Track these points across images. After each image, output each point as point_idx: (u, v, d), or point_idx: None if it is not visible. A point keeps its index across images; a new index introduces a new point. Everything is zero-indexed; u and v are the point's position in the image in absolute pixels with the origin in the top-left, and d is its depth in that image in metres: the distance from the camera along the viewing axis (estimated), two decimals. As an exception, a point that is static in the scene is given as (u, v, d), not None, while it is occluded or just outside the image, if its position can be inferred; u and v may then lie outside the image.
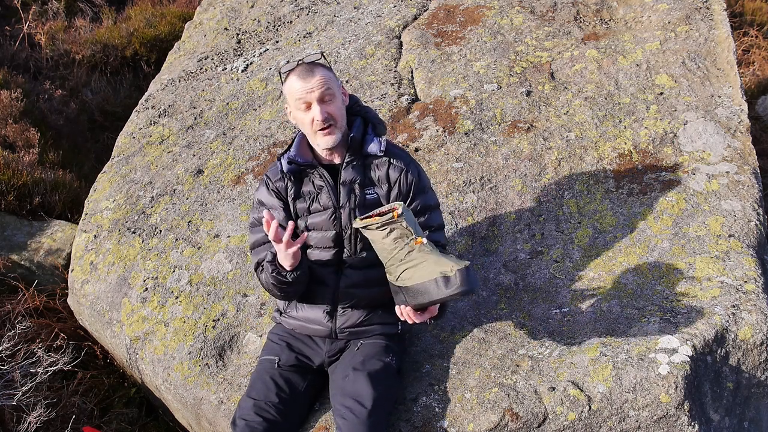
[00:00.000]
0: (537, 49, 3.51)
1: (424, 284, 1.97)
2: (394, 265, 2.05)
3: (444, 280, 1.95)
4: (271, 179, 2.27)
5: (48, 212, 4.02)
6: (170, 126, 3.68)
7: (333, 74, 2.18)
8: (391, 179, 2.22)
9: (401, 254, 2.03)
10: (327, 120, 2.12)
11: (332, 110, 2.13)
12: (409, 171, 2.22)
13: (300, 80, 2.12)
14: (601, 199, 2.81)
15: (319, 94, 2.10)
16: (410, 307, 2.05)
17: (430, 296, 1.97)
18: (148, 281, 2.88)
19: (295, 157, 2.22)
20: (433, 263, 1.99)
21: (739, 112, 2.96)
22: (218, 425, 2.47)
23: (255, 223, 2.28)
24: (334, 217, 2.20)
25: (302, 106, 2.13)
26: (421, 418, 2.13)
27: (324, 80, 2.11)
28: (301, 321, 2.28)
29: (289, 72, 2.16)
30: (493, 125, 3.14)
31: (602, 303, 2.41)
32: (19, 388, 2.69)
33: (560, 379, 2.11)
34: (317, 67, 2.14)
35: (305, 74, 2.12)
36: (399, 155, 2.25)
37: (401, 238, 2.03)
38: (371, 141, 2.22)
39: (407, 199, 2.22)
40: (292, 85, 2.14)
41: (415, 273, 2.00)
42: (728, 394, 2.20)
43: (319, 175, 2.22)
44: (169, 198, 3.21)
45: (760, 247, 2.54)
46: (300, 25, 4.23)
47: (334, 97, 2.14)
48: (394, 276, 2.06)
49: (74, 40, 5.86)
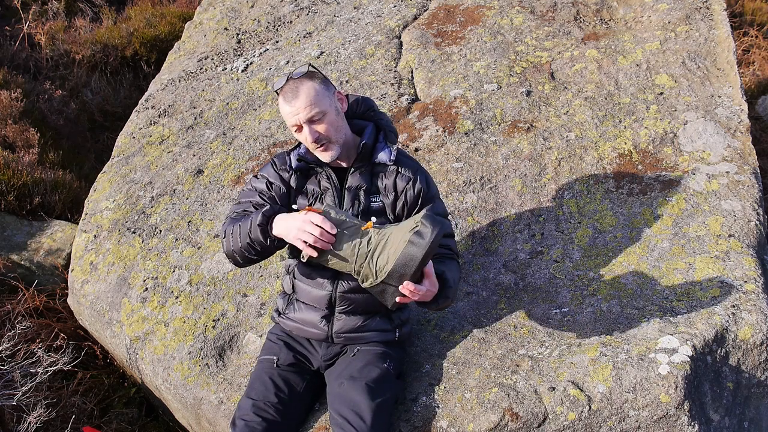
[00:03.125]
0: (537, 49, 3.51)
1: (404, 252, 1.89)
2: (366, 264, 1.97)
3: (417, 235, 1.88)
4: (277, 165, 2.25)
5: (48, 212, 4.02)
6: (170, 126, 3.68)
7: (323, 85, 2.10)
8: (398, 189, 2.20)
9: (363, 247, 1.95)
10: (319, 140, 2.09)
11: (323, 129, 2.08)
12: (417, 181, 2.20)
13: (286, 104, 2.07)
14: (601, 199, 2.81)
15: (305, 116, 2.05)
16: (410, 286, 1.93)
17: (415, 257, 1.89)
18: (148, 281, 2.88)
19: (305, 155, 2.20)
20: (397, 231, 1.93)
21: (739, 112, 2.96)
22: (218, 425, 2.47)
23: (250, 190, 2.25)
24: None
25: (294, 128, 2.11)
26: (421, 418, 2.13)
27: (309, 102, 2.04)
28: (298, 323, 2.27)
29: (279, 90, 2.11)
30: (493, 125, 3.14)
31: (602, 303, 2.41)
32: (19, 388, 2.69)
33: (560, 379, 2.11)
34: (303, 84, 2.06)
35: (290, 96, 2.06)
36: (408, 164, 2.23)
37: (354, 234, 1.96)
38: (382, 149, 2.20)
39: (414, 208, 2.21)
40: (282, 108, 2.10)
41: (389, 250, 1.93)
42: (728, 394, 2.20)
43: (326, 176, 2.21)
44: (169, 198, 3.21)
45: (760, 247, 2.54)
46: (300, 25, 4.23)
47: (325, 113, 2.07)
48: (372, 273, 1.96)
49: (74, 40, 5.86)
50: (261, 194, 2.22)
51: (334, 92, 2.14)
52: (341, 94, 2.18)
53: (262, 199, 2.21)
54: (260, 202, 2.21)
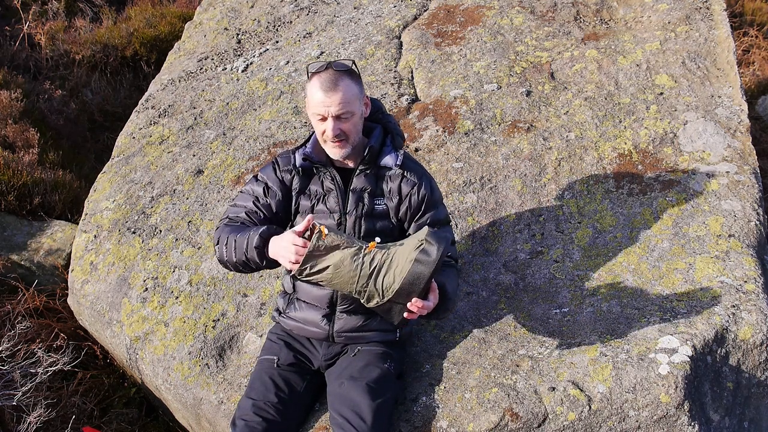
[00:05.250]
0: (537, 49, 3.51)
1: (412, 271, 1.90)
2: (369, 284, 1.95)
3: (424, 253, 1.90)
4: (279, 165, 2.25)
5: (48, 212, 4.02)
6: (170, 126, 3.68)
7: (359, 86, 2.10)
8: (402, 193, 2.20)
9: (366, 269, 1.94)
10: (339, 136, 2.09)
11: (347, 127, 2.08)
12: (422, 186, 2.20)
13: (321, 92, 2.04)
14: (601, 199, 2.81)
15: (336, 110, 2.04)
16: (418, 303, 1.94)
17: (423, 275, 1.90)
18: (148, 281, 2.88)
19: (310, 154, 2.20)
20: (402, 250, 1.93)
21: (739, 112, 2.96)
22: (218, 425, 2.47)
23: (247, 192, 2.25)
24: (339, 222, 2.19)
25: (318, 116, 2.08)
26: (421, 418, 2.13)
27: (345, 99, 2.04)
28: (299, 322, 2.28)
29: (315, 74, 2.08)
30: (493, 125, 3.14)
31: (602, 303, 2.41)
32: (19, 388, 2.69)
33: (560, 379, 2.11)
34: (343, 79, 2.05)
35: (328, 87, 2.04)
36: (413, 169, 2.23)
37: (356, 255, 1.94)
38: (388, 153, 2.20)
39: (417, 213, 2.21)
40: (313, 93, 2.07)
41: (395, 270, 1.93)
42: (728, 394, 2.20)
43: (330, 177, 2.20)
44: (169, 198, 3.21)
45: (760, 247, 2.54)
46: (300, 25, 4.23)
47: (353, 114, 2.08)
48: (379, 293, 1.96)
49: (74, 40, 5.86)
50: (256, 200, 2.22)
51: (363, 96, 2.15)
52: (368, 99, 2.19)
53: (256, 206, 2.21)
54: (254, 210, 2.21)
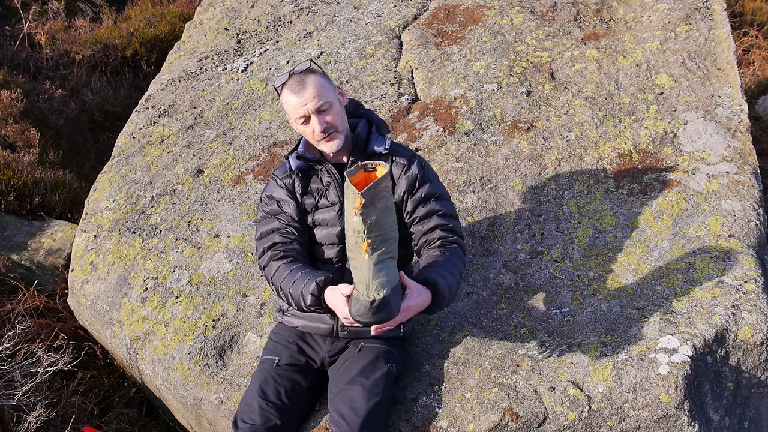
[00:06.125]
0: (537, 49, 3.51)
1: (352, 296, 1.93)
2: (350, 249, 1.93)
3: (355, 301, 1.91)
4: (278, 176, 2.30)
5: (48, 212, 4.02)
6: (170, 126, 3.68)
7: (326, 79, 2.17)
8: (394, 176, 2.24)
9: (351, 244, 1.91)
10: (327, 129, 2.13)
11: (330, 118, 2.13)
12: (412, 166, 2.24)
13: (293, 95, 2.11)
14: (601, 199, 2.81)
15: (314, 105, 2.10)
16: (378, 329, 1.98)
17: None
18: (148, 281, 2.88)
19: (304, 153, 2.24)
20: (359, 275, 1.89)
21: (739, 112, 2.96)
22: (218, 425, 2.47)
23: (264, 216, 2.29)
24: (340, 213, 2.22)
25: (301, 120, 2.14)
26: (421, 418, 2.13)
27: (317, 92, 2.10)
28: (304, 319, 2.29)
29: (282, 86, 2.16)
30: (493, 125, 3.14)
31: (602, 303, 2.41)
32: (19, 388, 2.69)
33: (560, 379, 2.11)
34: (309, 76, 2.13)
35: (297, 88, 2.11)
36: (402, 153, 2.27)
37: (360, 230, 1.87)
38: (375, 140, 2.25)
39: (412, 192, 2.23)
40: (287, 100, 2.14)
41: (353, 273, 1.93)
42: (728, 394, 2.20)
43: (326, 171, 2.24)
44: (169, 198, 3.21)
45: (760, 247, 2.54)
46: (300, 25, 4.23)
47: (331, 104, 2.13)
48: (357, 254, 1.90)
49: (74, 40, 5.86)
50: (278, 218, 2.26)
51: (335, 87, 2.20)
52: (340, 89, 2.24)
53: (280, 222, 2.25)
54: (283, 227, 2.23)
